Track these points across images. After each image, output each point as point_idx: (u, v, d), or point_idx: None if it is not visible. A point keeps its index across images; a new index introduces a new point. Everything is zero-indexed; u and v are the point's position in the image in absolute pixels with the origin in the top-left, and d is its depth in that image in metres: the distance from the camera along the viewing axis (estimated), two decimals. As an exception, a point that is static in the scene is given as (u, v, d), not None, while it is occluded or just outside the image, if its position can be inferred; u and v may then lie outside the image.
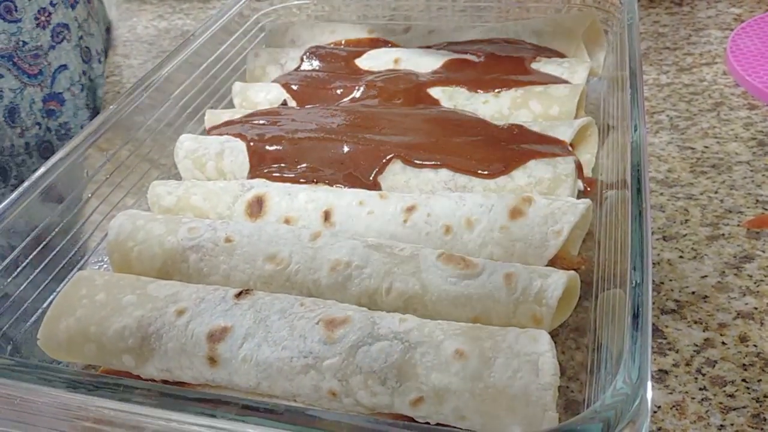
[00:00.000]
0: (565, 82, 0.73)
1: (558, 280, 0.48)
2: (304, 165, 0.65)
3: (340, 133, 0.67)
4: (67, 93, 0.87)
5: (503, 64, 0.77)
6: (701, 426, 0.48)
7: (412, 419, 0.45)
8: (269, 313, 0.48)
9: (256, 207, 0.61)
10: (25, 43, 0.79)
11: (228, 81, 0.85)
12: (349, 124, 0.69)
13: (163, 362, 0.49)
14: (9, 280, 0.55)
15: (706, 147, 0.76)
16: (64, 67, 0.82)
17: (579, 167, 0.62)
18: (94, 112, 0.94)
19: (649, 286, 0.42)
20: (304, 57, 0.84)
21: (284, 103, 0.77)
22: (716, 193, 0.69)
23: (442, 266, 0.51)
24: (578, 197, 0.61)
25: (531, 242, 0.54)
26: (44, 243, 0.58)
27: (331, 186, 0.63)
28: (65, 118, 0.85)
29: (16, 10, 0.78)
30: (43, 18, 0.78)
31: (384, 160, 0.63)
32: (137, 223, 0.58)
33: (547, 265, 0.53)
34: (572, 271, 0.50)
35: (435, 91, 0.74)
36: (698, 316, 0.57)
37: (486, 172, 0.61)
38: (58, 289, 0.56)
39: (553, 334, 0.47)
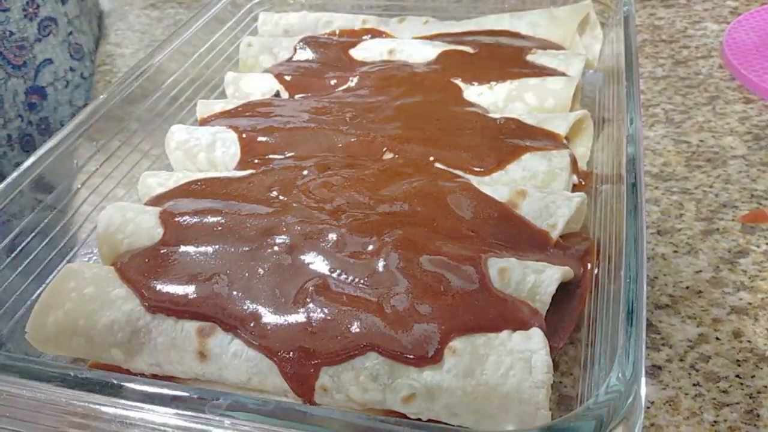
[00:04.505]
0: (561, 74, 0.72)
1: (552, 275, 0.48)
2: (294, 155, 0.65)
3: (333, 125, 0.66)
4: (50, 87, 0.85)
5: (498, 55, 0.76)
6: (694, 422, 0.48)
7: (403, 415, 0.44)
8: (260, 307, 0.48)
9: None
10: (11, 33, 0.78)
11: (220, 71, 0.84)
12: (342, 115, 0.68)
13: (153, 356, 0.48)
14: (-3, 271, 0.54)
15: (702, 141, 0.75)
16: (49, 61, 0.80)
17: (574, 161, 0.61)
18: None
19: (643, 280, 0.41)
20: (298, 47, 0.83)
21: (277, 94, 0.77)
22: (711, 187, 0.69)
23: (436, 261, 0.50)
24: (573, 191, 0.60)
25: (525, 236, 0.54)
26: (33, 234, 0.58)
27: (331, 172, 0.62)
28: (45, 113, 0.84)
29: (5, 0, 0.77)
30: (31, 10, 0.77)
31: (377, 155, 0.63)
32: (127, 216, 0.57)
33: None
34: (566, 267, 0.50)
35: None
36: (692, 312, 0.56)
37: (479, 169, 0.60)
38: (46, 282, 0.55)
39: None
